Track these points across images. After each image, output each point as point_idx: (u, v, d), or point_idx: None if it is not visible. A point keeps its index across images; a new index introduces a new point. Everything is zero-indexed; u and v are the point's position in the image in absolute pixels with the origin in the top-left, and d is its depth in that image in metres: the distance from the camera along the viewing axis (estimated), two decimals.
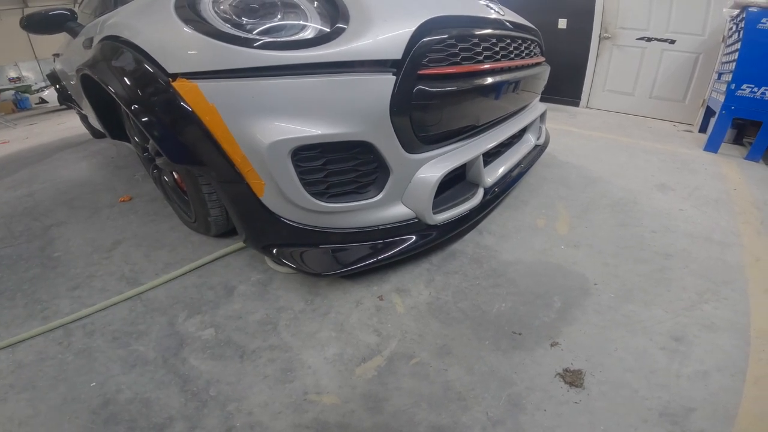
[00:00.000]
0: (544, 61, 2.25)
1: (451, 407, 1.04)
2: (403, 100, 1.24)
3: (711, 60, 3.90)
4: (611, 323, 1.29)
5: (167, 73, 1.21)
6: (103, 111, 1.98)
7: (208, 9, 1.22)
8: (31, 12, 2.09)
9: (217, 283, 1.57)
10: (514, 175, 2.01)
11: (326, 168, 1.28)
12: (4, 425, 1.07)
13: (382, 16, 1.27)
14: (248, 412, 1.06)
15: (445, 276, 1.53)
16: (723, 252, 1.66)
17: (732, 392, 1.06)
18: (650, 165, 2.73)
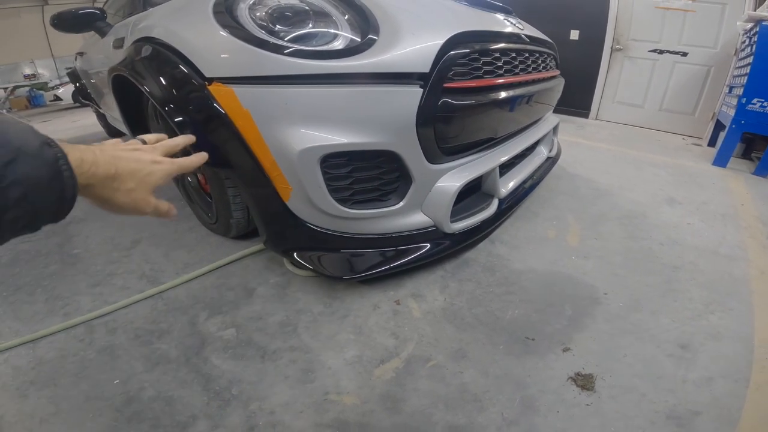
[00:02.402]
0: (559, 74, 2.28)
1: (467, 408, 1.07)
2: (428, 112, 1.28)
3: (722, 73, 3.92)
4: (620, 331, 1.33)
5: (203, 76, 1.25)
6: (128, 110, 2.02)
7: (245, 15, 1.25)
8: (62, 11, 2.14)
9: (236, 284, 1.60)
10: (527, 186, 2.05)
11: (352, 175, 1.32)
12: (24, 422, 1.08)
13: (411, 30, 1.30)
14: (270, 411, 1.08)
15: (459, 283, 1.57)
16: (729, 265, 1.69)
17: (735, 397, 1.10)
18: (659, 178, 2.76)
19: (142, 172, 0.63)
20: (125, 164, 0.61)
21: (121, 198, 0.61)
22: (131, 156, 0.63)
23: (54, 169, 0.49)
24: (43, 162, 0.48)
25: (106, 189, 0.59)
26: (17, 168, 0.44)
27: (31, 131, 0.49)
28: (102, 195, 0.59)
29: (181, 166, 0.72)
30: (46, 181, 0.48)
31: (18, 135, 0.46)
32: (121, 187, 0.60)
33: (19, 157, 0.45)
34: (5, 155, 0.44)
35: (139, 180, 0.63)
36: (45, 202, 0.49)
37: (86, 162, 0.55)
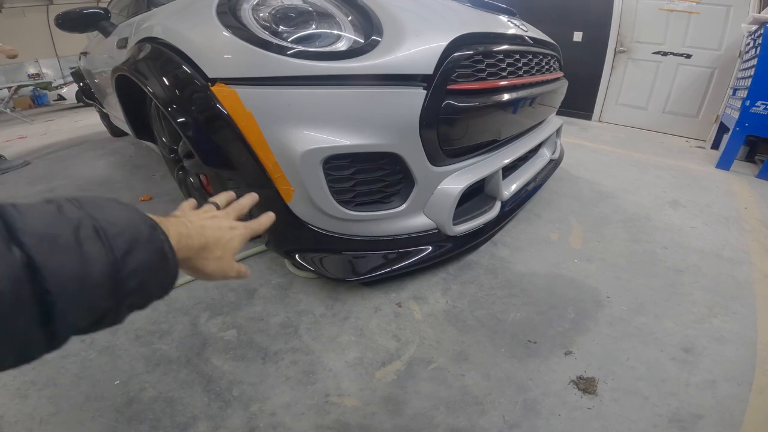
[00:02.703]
0: (562, 75, 2.28)
1: (469, 411, 1.07)
2: (432, 114, 1.27)
3: (726, 75, 3.91)
4: (623, 334, 1.33)
5: (206, 77, 1.25)
6: (131, 110, 2.03)
7: (248, 16, 1.25)
8: (67, 10, 2.14)
9: (237, 285, 1.60)
10: (530, 189, 2.04)
11: (354, 177, 1.32)
12: (24, 423, 1.08)
13: (415, 32, 1.30)
14: (271, 412, 1.08)
15: (461, 285, 1.57)
16: (732, 269, 1.69)
17: (738, 400, 1.10)
18: (662, 181, 2.76)
19: (224, 240, 0.67)
20: (212, 233, 0.65)
21: (211, 266, 0.64)
22: (214, 224, 0.67)
23: (162, 252, 0.51)
24: (154, 248, 0.50)
25: (199, 259, 0.62)
26: (134, 258, 0.46)
27: (138, 215, 0.51)
28: (195, 265, 0.62)
29: (254, 231, 0.76)
30: (157, 266, 0.50)
31: (130, 222, 0.48)
32: (211, 256, 0.64)
33: (135, 247, 0.47)
34: (122, 246, 0.46)
35: (224, 247, 0.66)
36: (156, 284, 0.52)
37: (183, 237, 0.58)
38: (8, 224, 0.40)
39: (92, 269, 0.42)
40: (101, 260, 0.43)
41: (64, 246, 0.41)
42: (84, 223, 0.44)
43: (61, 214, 0.44)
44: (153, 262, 0.49)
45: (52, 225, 0.42)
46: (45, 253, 0.39)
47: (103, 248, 0.44)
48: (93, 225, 0.44)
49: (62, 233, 0.42)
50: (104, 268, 0.43)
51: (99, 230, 0.44)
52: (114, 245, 0.45)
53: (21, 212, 0.41)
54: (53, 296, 0.39)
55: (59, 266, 0.40)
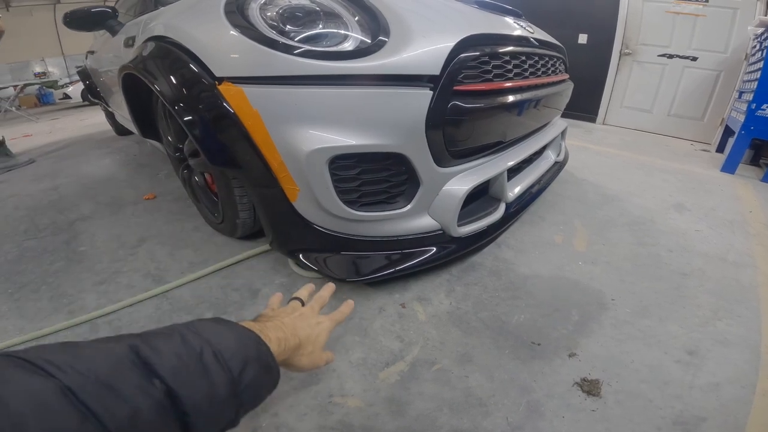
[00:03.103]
0: (568, 78, 2.28)
1: (472, 412, 1.07)
2: (438, 114, 1.27)
3: (732, 78, 3.90)
4: (628, 336, 1.32)
5: (213, 75, 1.25)
6: (137, 109, 2.04)
7: (256, 15, 1.25)
8: (75, 9, 2.15)
9: (241, 285, 1.60)
10: (534, 191, 2.04)
11: (360, 177, 1.31)
12: None
13: (421, 32, 1.30)
14: (274, 413, 1.08)
15: (465, 287, 1.57)
16: (737, 272, 1.68)
17: (742, 403, 1.10)
18: (667, 184, 2.75)
19: (313, 336, 0.75)
20: (303, 332, 0.73)
21: (304, 361, 0.72)
22: (304, 323, 0.76)
23: (268, 364, 0.60)
24: (261, 362, 0.58)
25: (294, 357, 0.71)
26: (248, 374, 0.54)
27: (246, 335, 0.59)
28: (291, 362, 0.70)
29: (337, 321, 0.86)
30: (265, 376, 0.59)
31: (240, 342, 0.57)
32: (305, 353, 0.72)
33: (247, 364, 0.55)
34: (238, 366, 0.53)
35: (314, 342, 0.75)
36: (265, 391, 0.61)
37: (281, 341, 0.66)
38: (145, 360, 0.47)
39: (218, 390, 0.50)
40: (223, 381, 0.51)
41: (194, 373, 0.49)
42: (205, 350, 0.51)
43: (185, 344, 0.51)
44: (262, 374, 0.57)
45: (181, 356, 0.49)
46: (180, 382, 0.47)
47: (223, 371, 0.51)
48: (212, 351, 0.52)
49: (191, 363, 0.49)
50: (226, 388, 0.51)
51: (217, 354, 0.52)
52: (231, 366, 0.52)
53: (153, 347, 0.48)
54: (190, 417, 0.47)
55: (193, 391, 0.47)
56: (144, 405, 0.43)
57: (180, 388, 0.46)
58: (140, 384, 0.44)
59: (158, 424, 0.43)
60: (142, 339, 0.49)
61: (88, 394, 0.40)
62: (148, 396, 0.43)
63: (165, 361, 0.47)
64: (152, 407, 0.43)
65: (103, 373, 0.42)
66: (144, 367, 0.46)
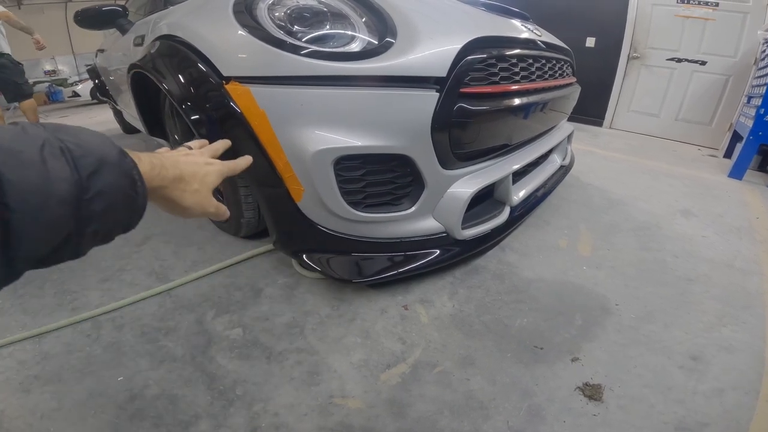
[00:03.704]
0: (575, 81, 2.27)
1: (473, 415, 1.07)
2: (444, 117, 1.27)
3: (741, 83, 3.86)
4: (631, 341, 1.31)
5: (221, 75, 1.26)
6: (144, 107, 2.05)
7: (264, 15, 1.25)
8: (86, 7, 2.16)
9: (244, 284, 1.61)
10: (539, 195, 2.03)
11: (365, 179, 1.32)
12: (25, 418, 1.08)
13: (429, 34, 1.30)
14: (274, 413, 1.08)
15: (468, 290, 1.56)
16: (743, 279, 1.67)
17: (745, 409, 1.09)
18: (673, 189, 2.73)
19: (200, 173, 0.66)
20: (187, 167, 0.64)
21: (189, 198, 0.63)
22: (189, 159, 0.66)
23: (131, 177, 0.49)
24: (122, 171, 0.48)
25: (175, 191, 0.61)
26: (100, 179, 0.44)
27: (107, 141, 0.49)
28: (171, 196, 0.61)
29: (230, 168, 0.75)
30: (125, 191, 0.48)
31: (98, 145, 0.46)
32: (188, 188, 0.63)
33: (102, 167, 0.45)
34: (89, 165, 0.43)
35: (201, 180, 0.65)
36: (123, 212, 0.49)
37: (156, 166, 0.56)
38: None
39: (56, 186, 0.40)
40: (66, 178, 0.41)
41: (28, 161, 0.39)
42: (49, 142, 0.42)
43: (25, 133, 0.41)
44: (120, 186, 0.47)
45: (15, 141, 0.39)
46: (6, 166, 0.37)
47: (68, 166, 0.41)
48: (59, 145, 0.42)
49: (26, 149, 0.39)
50: (68, 186, 0.41)
51: (64, 150, 0.42)
52: (79, 165, 0.42)
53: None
54: (12, 210, 0.36)
55: (21, 179, 0.37)
56: None
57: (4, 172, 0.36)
58: None
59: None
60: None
61: None
62: None
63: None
64: None
65: None
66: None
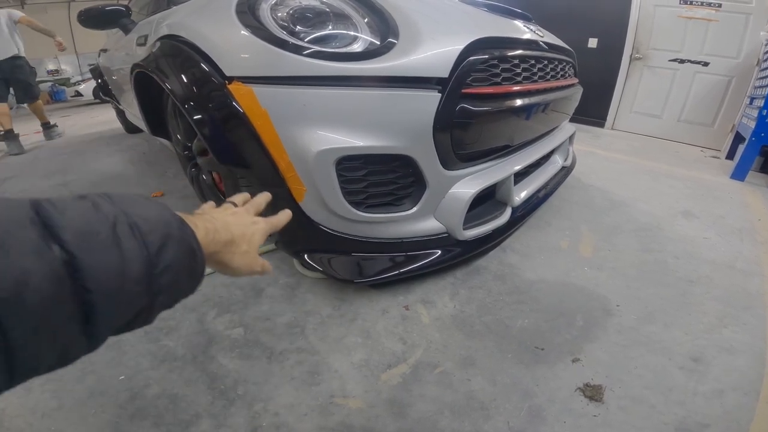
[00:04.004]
0: (577, 82, 2.27)
1: (474, 416, 1.07)
2: (446, 117, 1.27)
3: (744, 84, 3.84)
4: (632, 342, 1.32)
5: (224, 75, 1.26)
6: (147, 107, 2.05)
7: (267, 15, 1.26)
8: (89, 7, 2.16)
9: (245, 284, 1.61)
10: (541, 195, 2.02)
11: (367, 179, 1.32)
12: (26, 417, 1.08)
13: (431, 35, 1.30)
14: (274, 412, 1.08)
15: (470, 290, 1.56)
16: (745, 280, 1.67)
17: (745, 410, 1.09)
18: (675, 191, 2.73)
19: (248, 234, 0.67)
20: (236, 228, 0.65)
21: (237, 260, 0.64)
22: (237, 220, 0.68)
23: (192, 248, 0.51)
24: (185, 244, 0.49)
25: (227, 254, 0.62)
26: (167, 254, 0.46)
27: (168, 212, 0.50)
28: (223, 260, 0.62)
29: (273, 225, 0.77)
30: (187, 262, 0.50)
31: (161, 218, 0.48)
32: (237, 251, 0.64)
33: (168, 242, 0.46)
34: (157, 241, 0.45)
35: (248, 241, 0.67)
36: (186, 281, 0.51)
37: (210, 231, 0.58)
38: (46, 221, 0.38)
39: (130, 266, 0.42)
40: (138, 257, 0.42)
41: (104, 243, 0.40)
42: (120, 219, 0.43)
43: (97, 210, 0.43)
44: (184, 258, 0.49)
45: (90, 222, 0.41)
46: (85, 251, 0.38)
47: (138, 245, 0.43)
48: (128, 221, 0.44)
49: (101, 230, 0.41)
50: (140, 265, 0.43)
51: (133, 226, 0.44)
52: (148, 241, 0.44)
53: (58, 208, 0.40)
54: (93, 294, 0.38)
55: (99, 263, 0.39)
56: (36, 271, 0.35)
57: (83, 257, 0.38)
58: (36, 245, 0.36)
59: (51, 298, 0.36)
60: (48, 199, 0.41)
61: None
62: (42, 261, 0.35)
63: (69, 224, 0.39)
64: (46, 275, 0.35)
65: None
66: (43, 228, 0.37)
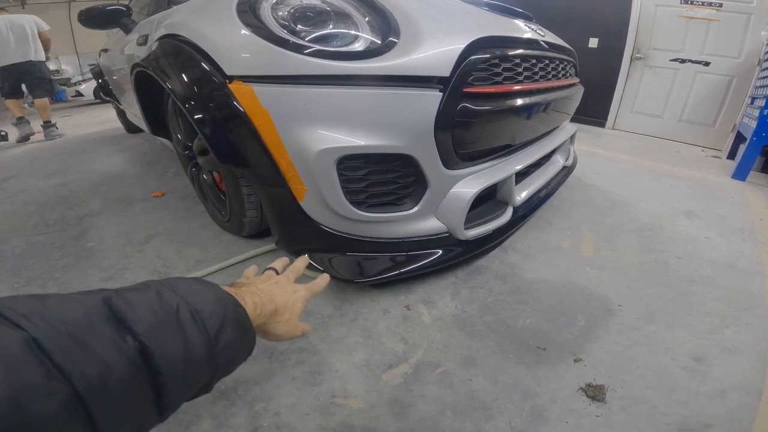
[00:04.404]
0: (578, 81, 2.26)
1: (475, 416, 1.06)
2: (447, 116, 1.27)
3: (745, 84, 3.83)
4: (634, 342, 1.31)
5: (224, 74, 1.26)
6: (147, 107, 2.05)
7: (268, 14, 1.26)
8: (89, 6, 2.16)
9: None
10: (542, 195, 2.02)
11: (368, 178, 1.31)
12: None
13: (432, 34, 1.30)
14: (275, 412, 1.08)
15: (471, 290, 1.56)
16: (746, 280, 1.66)
17: (748, 410, 1.09)
18: (676, 191, 2.72)
19: (290, 303, 0.72)
20: (280, 299, 0.70)
21: (281, 328, 0.70)
22: (280, 290, 0.73)
23: (245, 326, 0.57)
24: (239, 324, 0.55)
25: (272, 324, 0.68)
26: (225, 336, 0.51)
27: (223, 295, 0.56)
28: (267, 329, 0.68)
29: (312, 292, 0.82)
30: (242, 339, 0.56)
31: (217, 303, 0.53)
32: (281, 319, 0.70)
33: (225, 324, 0.52)
34: (216, 325, 0.50)
35: (290, 310, 0.72)
36: (241, 355, 0.58)
37: (257, 305, 0.64)
38: (118, 315, 0.43)
39: (194, 350, 0.47)
40: (200, 341, 0.48)
41: (170, 331, 0.45)
42: (181, 307, 0.48)
43: (161, 300, 0.47)
44: (239, 337, 0.54)
45: (157, 313, 0.46)
46: (155, 339, 0.43)
47: (199, 330, 0.48)
48: (189, 309, 0.48)
49: (167, 319, 0.46)
50: (203, 350, 0.48)
51: (194, 313, 0.49)
52: (208, 326, 0.49)
53: (128, 301, 0.45)
54: (164, 377, 0.43)
55: (168, 350, 0.44)
56: (116, 362, 0.40)
57: (154, 346, 0.43)
58: (113, 339, 0.41)
59: (130, 384, 0.41)
60: (116, 292, 0.46)
61: (57, 347, 0.37)
62: (120, 352, 0.40)
63: (139, 317, 0.44)
64: (125, 365, 0.40)
65: (73, 325, 0.39)
66: (117, 322, 0.43)
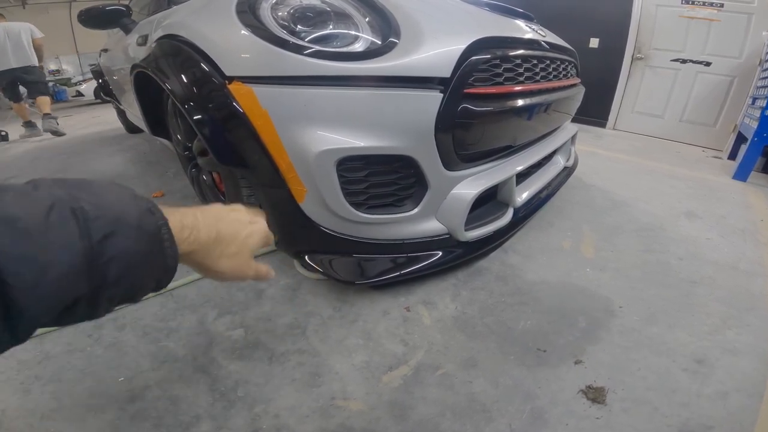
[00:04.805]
0: (579, 82, 2.26)
1: (475, 418, 1.06)
2: (447, 117, 1.26)
3: (746, 84, 3.82)
4: (635, 344, 1.31)
5: (224, 75, 1.25)
6: (147, 107, 2.05)
7: (267, 15, 1.25)
8: (89, 7, 2.16)
9: (246, 285, 1.60)
10: (543, 196, 2.02)
11: (368, 180, 1.31)
12: (26, 418, 1.07)
13: (433, 34, 1.29)
14: (275, 414, 1.07)
15: (471, 291, 1.55)
16: (748, 281, 1.66)
17: (749, 411, 1.08)
18: (677, 191, 2.72)
19: (242, 234, 0.60)
20: (226, 226, 0.58)
21: (224, 263, 0.58)
22: (230, 217, 0.61)
23: (155, 240, 0.46)
24: (143, 233, 0.45)
25: (209, 255, 0.56)
26: (116, 243, 0.41)
27: (131, 197, 0.46)
28: (203, 261, 0.56)
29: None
30: (146, 255, 0.45)
31: (117, 203, 0.44)
32: (225, 252, 0.57)
33: (118, 230, 0.42)
34: (102, 228, 0.41)
35: (241, 243, 0.60)
36: (145, 276, 0.46)
37: (187, 227, 0.52)
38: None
39: (59, 257, 0.37)
40: (72, 246, 0.38)
41: (25, 231, 0.36)
42: (60, 203, 0.39)
43: (34, 193, 0.39)
44: (141, 251, 0.44)
45: (15, 206, 0.37)
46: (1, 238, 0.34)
47: (78, 232, 0.39)
48: (71, 206, 0.39)
49: (25, 216, 0.36)
50: (75, 255, 0.38)
51: (77, 211, 0.39)
52: (91, 229, 0.40)
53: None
54: (11, 287, 0.34)
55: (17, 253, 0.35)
56: None
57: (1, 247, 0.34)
58: None
59: None
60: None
61: None
62: None
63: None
64: None
65: None
66: None
